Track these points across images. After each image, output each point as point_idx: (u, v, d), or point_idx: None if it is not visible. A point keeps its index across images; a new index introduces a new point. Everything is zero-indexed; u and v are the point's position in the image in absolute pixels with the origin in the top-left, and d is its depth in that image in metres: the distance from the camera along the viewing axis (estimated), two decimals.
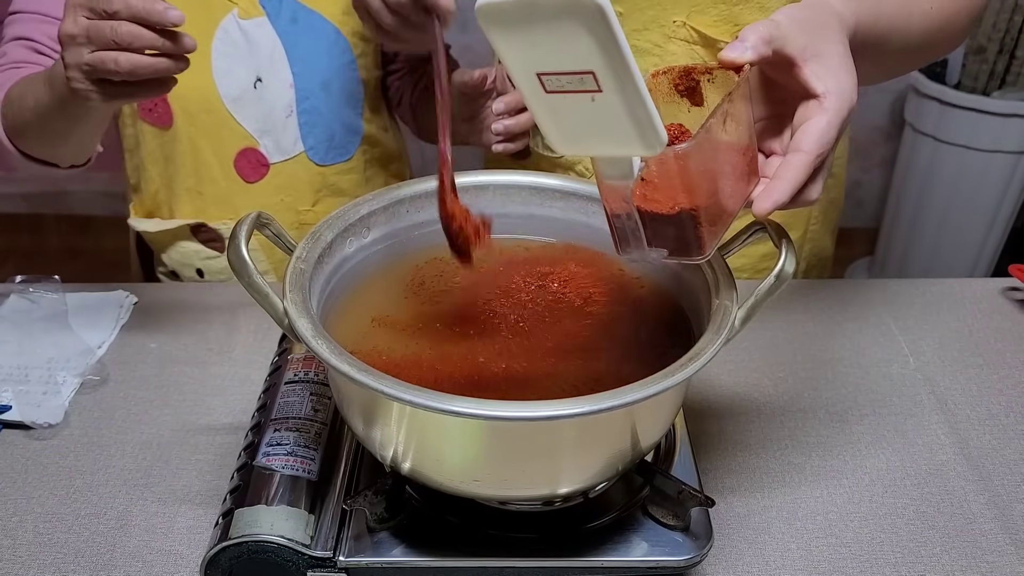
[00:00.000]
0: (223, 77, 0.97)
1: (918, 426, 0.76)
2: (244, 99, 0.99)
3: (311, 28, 1.00)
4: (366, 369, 0.49)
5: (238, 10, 0.96)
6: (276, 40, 0.98)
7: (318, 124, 1.02)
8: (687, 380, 0.50)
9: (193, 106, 0.98)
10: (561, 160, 0.97)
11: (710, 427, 0.76)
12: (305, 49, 1.00)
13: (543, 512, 0.61)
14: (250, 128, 1.00)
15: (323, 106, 1.02)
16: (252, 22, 0.97)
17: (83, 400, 0.79)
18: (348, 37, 1.02)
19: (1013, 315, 0.92)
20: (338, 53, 1.02)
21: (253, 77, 0.98)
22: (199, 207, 1.04)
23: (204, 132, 1.00)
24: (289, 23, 0.98)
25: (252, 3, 0.97)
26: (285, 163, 1.02)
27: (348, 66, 1.03)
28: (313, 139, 1.03)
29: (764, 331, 0.88)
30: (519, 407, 0.48)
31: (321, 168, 1.04)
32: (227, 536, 0.56)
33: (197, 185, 1.03)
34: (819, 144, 0.52)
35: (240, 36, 0.97)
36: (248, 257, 0.53)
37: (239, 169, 1.02)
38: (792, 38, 0.52)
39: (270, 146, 1.01)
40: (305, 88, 1.00)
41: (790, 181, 0.52)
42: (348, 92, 1.04)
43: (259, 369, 0.81)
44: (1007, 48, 1.90)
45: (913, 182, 2.09)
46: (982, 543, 0.65)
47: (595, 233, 0.69)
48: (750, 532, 0.66)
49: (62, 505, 0.68)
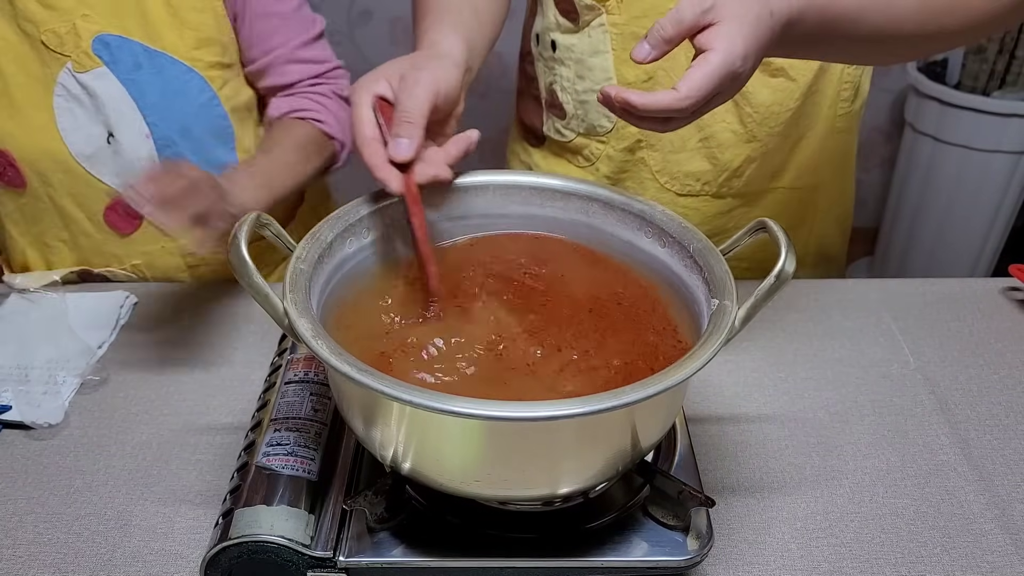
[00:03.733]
0: (71, 135, 0.90)
1: (918, 426, 0.76)
2: (99, 156, 0.91)
3: (159, 72, 0.91)
4: (366, 369, 0.49)
5: (72, 63, 0.88)
6: (122, 90, 0.90)
7: None
8: (687, 380, 0.50)
9: (44, 167, 0.92)
10: (569, 144, 0.98)
11: (710, 427, 0.76)
12: (156, 96, 0.91)
13: (543, 512, 0.61)
14: (112, 183, 0.93)
15: (187, 151, 0.95)
16: (90, 75, 0.89)
17: (83, 400, 0.79)
18: (203, 72, 0.93)
19: (1013, 315, 0.92)
20: (194, 93, 0.93)
21: (104, 132, 0.91)
22: (80, 257, 0.99)
23: (64, 192, 0.93)
24: (132, 70, 0.90)
25: (86, 54, 0.88)
26: None
27: (208, 104, 0.95)
28: None
29: (764, 331, 0.88)
30: (519, 407, 0.48)
31: None
32: (227, 536, 0.56)
33: (71, 238, 0.97)
34: (689, 86, 0.58)
35: (81, 91, 0.89)
36: (248, 257, 0.53)
37: (111, 222, 0.96)
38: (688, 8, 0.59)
39: None
40: (164, 137, 0.93)
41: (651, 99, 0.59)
42: (214, 130, 0.97)
43: (259, 369, 0.81)
44: (1007, 48, 1.90)
45: (913, 182, 2.09)
46: (982, 543, 0.65)
47: (596, 233, 0.69)
48: (750, 532, 0.66)
49: (62, 505, 0.68)
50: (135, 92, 0.91)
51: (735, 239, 0.62)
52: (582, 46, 0.91)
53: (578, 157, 0.98)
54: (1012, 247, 2.07)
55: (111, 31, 0.89)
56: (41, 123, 0.90)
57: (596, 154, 0.96)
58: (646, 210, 0.66)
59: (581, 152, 0.98)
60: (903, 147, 2.13)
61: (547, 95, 0.98)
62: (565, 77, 0.94)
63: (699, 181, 0.95)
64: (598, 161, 0.96)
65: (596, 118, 0.94)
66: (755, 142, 0.92)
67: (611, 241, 0.69)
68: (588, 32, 0.90)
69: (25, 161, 0.92)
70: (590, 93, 0.93)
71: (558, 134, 0.99)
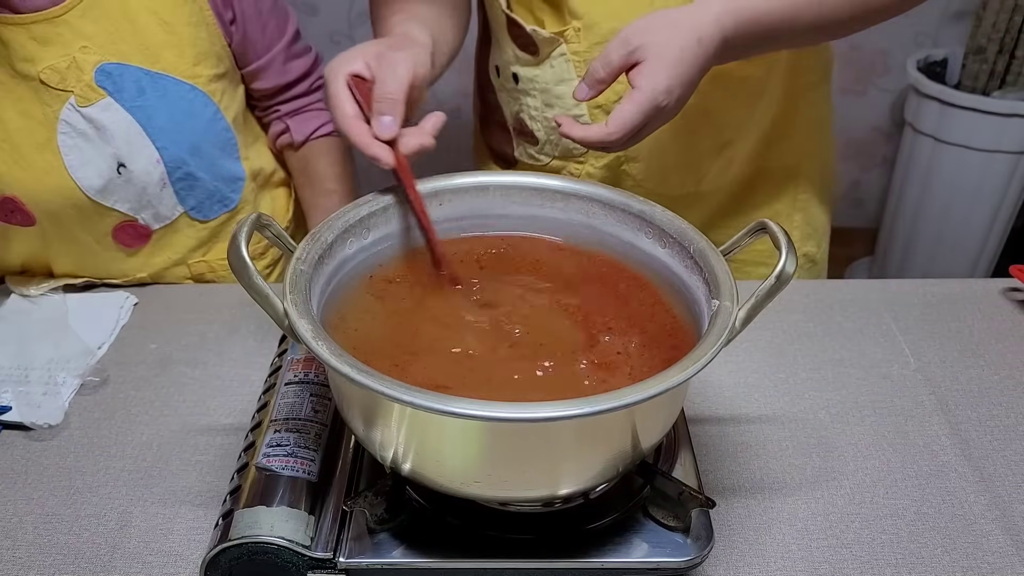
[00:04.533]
0: (80, 171, 0.89)
1: (919, 427, 0.76)
2: (110, 187, 0.91)
3: (163, 95, 0.90)
4: (366, 370, 0.49)
5: (75, 98, 0.86)
6: (129, 119, 0.89)
7: (196, 187, 0.96)
8: (687, 381, 0.50)
9: (55, 206, 0.90)
10: (547, 167, 0.96)
11: (711, 428, 0.76)
12: (163, 120, 0.91)
13: (543, 513, 0.61)
14: (123, 209, 0.93)
15: (198, 170, 0.95)
16: (95, 107, 0.87)
17: (83, 401, 0.79)
18: (204, 88, 0.94)
19: (1013, 315, 0.91)
20: (200, 110, 0.94)
21: (114, 164, 0.90)
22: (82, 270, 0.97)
23: (74, 223, 0.92)
24: (137, 96, 0.89)
25: (89, 86, 0.87)
26: (167, 227, 0.97)
27: (213, 118, 0.95)
28: (193, 200, 0.97)
29: (764, 331, 0.88)
30: (519, 408, 0.48)
31: (206, 223, 0.99)
32: (227, 537, 0.56)
33: (78, 260, 0.96)
34: (617, 122, 0.66)
35: (87, 125, 0.87)
36: (248, 258, 0.53)
37: (120, 241, 0.95)
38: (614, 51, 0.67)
39: (149, 218, 0.95)
40: (175, 159, 0.92)
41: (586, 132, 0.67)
42: (220, 143, 0.97)
43: (259, 370, 0.81)
44: (1007, 48, 1.90)
45: (913, 182, 2.09)
46: (983, 544, 0.65)
47: (596, 233, 0.69)
48: (751, 533, 0.66)
49: (62, 506, 0.68)
50: (142, 119, 0.90)
51: (735, 239, 0.62)
52: (546, 76, 0.89)
53: None
54: (1012, 247, 2.07)
55: (111, 59, 0.88)
56: (47, 164, 0.88)
57: (576, 174, 0.95)
58: (646, 211, 0.66)
59: (559, 173, 0.96)
60: (903, 147, 2.13)
61: (515, 123, 0.96)
62: (533, 107, 0.92)
63: (684, 182, 0.94)
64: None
65: (570, 142, 0.90)
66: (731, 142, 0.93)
67: (611, 242, 0.69)
68: (550, 63, 0.88)
69: (33, 203, 0.90)
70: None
71: (531, 159, 0.97)
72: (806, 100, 0.96)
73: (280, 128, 1.06)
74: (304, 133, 1.05)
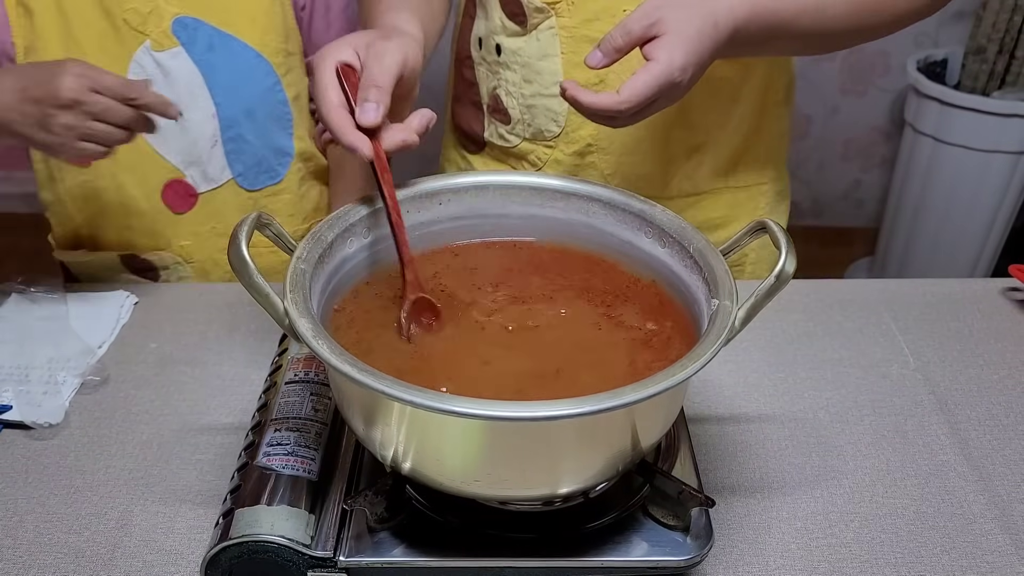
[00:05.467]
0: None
1: (918, 426, 0.76)
2: (165, 132, 0.94)
3: (230, 54, 0.96)
4: (367, 369, 0.49)
5: (151, 42, 0.93)
6: (194, 70, 0.95)
7: (245, 151, 1.00)
8: (687, 380, 0.51)
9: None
10: (514, 149, 0.96)
11: (710, 427, 0.76)
12: (226, 77, 0.97)
13: (543, 512, 0.61)
14: (174, 161, 0.98)
15: (249, 133, 1.00)
16: (167, 53, 0.94)
17: (83, 400, 0.79)
18: (270, 58, 0.99)
19: (1013, 315, 0.92)
20: (260, 77, 0.99)
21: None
22: (127, 239, 1.02)
23: (126, 167, 0.97)
24: (206, 51, 0.95)
25: (165, 34, 0.93)
26: (214, 191, 1.01)
27: (272, 89, 1.00)
28: (241, 165, 1.01)
29: (764, 331, 0.88)
30: (519, 407, 0.48)
31: (251, 193, 1.03)
32: (227, 536, 0.56)
33: (124, 219, 1.01)
34: (630, 91, 0.65)
35: (156, 69, 0.94)
36: (248, 257, 0.53)
37: (167, 200, 1.00)
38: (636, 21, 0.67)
39: (197, 176, 0.99)
40: (229, 117, 0.98)
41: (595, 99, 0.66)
42: (275, 115, 1.01)
43: (259, 369, 0.81)
44: (1007, 48, 1.90)
45: (913, 182, 2.09)
46: (982, 543, 0.65)
47: (596, 233, 0.69)
48: (750, 532, 0.66)
49: (62, 505, 0.68)
50: (206, 72, 0.95)
51: (735, 239, 0.62)
52: (529, 49, 0.89)
53: (523, 163, 0.96)
54: (1012, 247, 2.07)
55: (189, 13, 0.94)
56: None
57: (543, 159, 0.94)
58: (646, 210, 0.66)
59: (526, 157, 0.95)
60: (903, 147, 2.13)
61: (490, 100, 0.95)
62: (511, 81, 0.91)
63: (650, 184, 0.94)
64: (545, 166, 0.94)
65: (543, 123, 0.91)
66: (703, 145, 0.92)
67: (611, 241, 0.69)
68: (536, 35, 0.88)
69: None
70: (538, 97, 0.90)
71: (501, 139, 0.96)
72: (773, 116, 0.96)
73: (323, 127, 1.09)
74: None
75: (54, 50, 0.92)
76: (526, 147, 0.95)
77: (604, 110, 0.66)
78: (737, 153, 0.95)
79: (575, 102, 0.68)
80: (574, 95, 0.67)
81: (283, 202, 1.05)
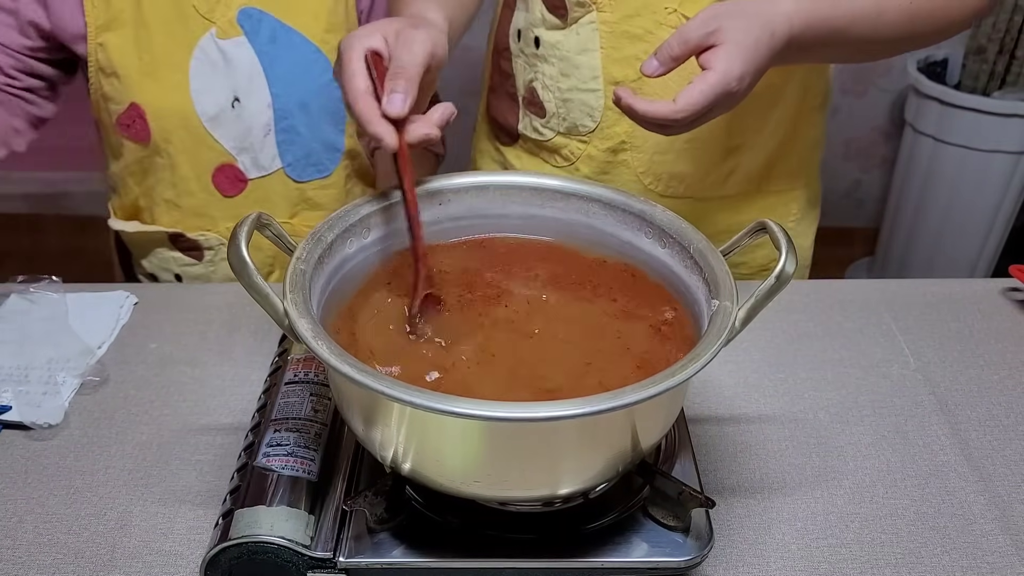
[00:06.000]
0: (201, 96, 0.97)
1: (918, 427, 0.76)
2: (222, 118, 0.98)
3: (291, 47, 0.98)
4: (366, 370, 0.49)
5: (216, 29, 0.95)
6: (254, 60, 0.97)
7: (296, 143, 1.02)
8: (687, 381, 0.50)
9: (170, 124, 0.98)
10: (547, 143, 0.96)
11: (710, 428, 0.76)
12: (284, 69, 0.98)
13: (543, 513, 0.61)
14: (228, 146, 0.99)
15: (302, 125, 1.01)
16: (230, 42, 0.96)
17: (83, 400, 0.79)
18: (328, 55, 0.99)
19: (1013, 315, 0.92)
20: (318, 72, 1.00)
21: (231, 96, 0.97)
22: (177, 218, 1.04)
23: (182, 149, 0.99)
24: (268, 43, 0.97)
25: (230, 23, 0.96)
26: (263, 179, 1.02)
27: (328, 85, 1.01)
28: (291, 156, 1.02)
29: (764, 331, 0.88)
30: (519, 408, 0.48)
31: (299, 184, 1.04)
32: (227, 537, 0.56)
33: (175, 198, 1.03)
34: (686, 100, 0.65)
35: (218, 56, 0.96)
36: (248, 257, 0.53)
37: (217, 184, 1.02)
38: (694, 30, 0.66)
39: (247, 163, 1.01)
40: (284, 108, 0.99)
41: (651, 107, 0.66)
42: (329, 111, 1.03)
43: (259, 369, 0.81)
44: (1007, 48, 1.90)
45: (913, 182, 2.09)
46: (983, 544, 0.65)
47: (595, 233, 0.69)
48: (750, 533, 0.66)
49: (62, 506, 0.68)
50: (266, 63, 0.97)
51: (735, 239, 0.62)
52: (568, 43, 0.89)
53: (555, 156, 0.96)
54: (1012, 247, 2.07)
55: (254, 4, 0.96)
56: (175, 82, 0.96)
57: (576, 154, 0.94)
58: (646, 210, 0.66)
59: (559, 152, 0.96)
60: (903, 147, 2.13)
61: (526, 93, 0.96)
62: (548, 75, 0.92)
63: (683, 183, 0.94)
64: (578, 161, 0.94)
65: (579, 117, 0.92)
66: (740, 147, 0.92)
67: (611, 241, 0.69)
68: (576, 29, 0.88)
69: (154, 116, 0.97)
70: (574, 92, 0.91)
71: (536, 133, 0.97)
72: (808, 123, 0.96)
73: None
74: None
75: (125, 32, 0.95)
76: (560, 141, 0.95)
77: (660, 119, 0.66)
78: (772, 158, 0.95)
79: (630, 111, 0.67)
80: (630, 103, 0.67)
81: (328, 197, 1.06)
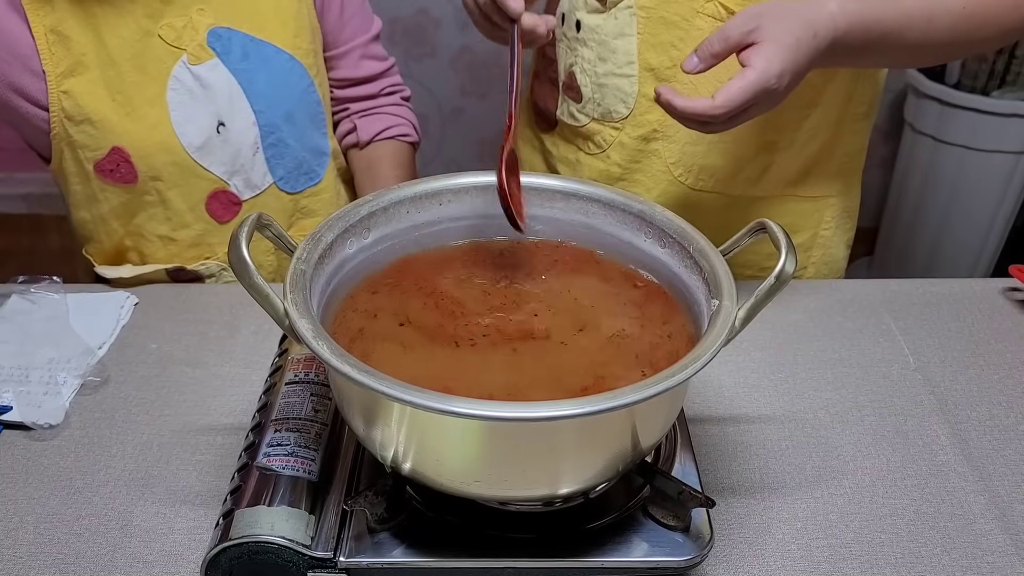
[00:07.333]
0: (184, 127, 0.95)
1: (918, 427, 0.76)
2: (208, 145, 0.96)
3: (264, 61, 0.97)
4: (367, 370, 0.49)
5: (188, 56, 0.94)
6: (231, 80, 0.96)
7: (286, 155, 1.01)
8: (687, 381, 0.51)
9: (158, 161, 0.95)
10: (582, 129, 0.97)
11: (710, 428, 0.76)
12: (263, 84, 0.97)
13: (543, 513, 0.61)
14: (218, 172, 0.98)
15: (289, 137, 1.01)
16: (204, 66, 0.94)
17: (83, 401, 0.79)
18: (302, 60, 1.00)
19: (1013, 315, 0.92)
20: (296, 80, 1.00)
21: (215, 122, 0.96)
22: (174, 252, 1.02)
23: (172, 184, 0.97)
24: (241, 60, 0.96)
25: (201, 46, 0.94)
26: (256, 198, 1.01)
27: (307, 90, 1.01)
28: (282, 170, 1.02)
29: (764, 331, 0.88)
30: (519, 407, 0.48)
31: (292, 195, 1.04)
32: (227, 537, 0.56)
33: (170, 232, 1.01)
34: (725, 97, 0.65)
35: (194, 83, 0.94)
36: (248, 258, 0.53)
37: (212, 211, 1.00)
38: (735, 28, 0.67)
39: (240, 185, 1.00)
40: (269, 123, 0.98)
41: (689, 104, 0.67)
42: (311, 115, 1.03)
43: (259, 370, 0.82)
44: (1007, 48, 1.90)
45: (913, 182, 2.09)
46: (982, 544, 0.65)
47: (595, 234, 0.69)
48: (750, 533, 0.66)
49: (62, 506, 0.68)
50: (244, 81, 0.96)
51: (735, 239, 0.62)
52: (607, 27, 0.90)
53: (589, 143, 0.97)
54: (1012, 247, 2.07)
55: (223, 23, 0.95)
56: (156, 118, 0.94)
57: (608, 140, 0.95)
58: (646, 210, 0.66)
59: (593, 138, 0.96)
60: (903, 147, 2.13)
61: (565, 77, 0.97)
62: (586, 59, 0.93)
63: (713, 177, 0.93)
64: (610, 148, 0.95)
65: (612, 103, 0.93)
66: (774, 145, 0.92)
67: (611, 242, 0.69)
68: (615, 13, 0.89)
69: (139, 157, 0.95)
70: (610, 77, 0.91)
71: (571, 118, 0.98)
72: (851, 130, 0.95)
73: (348, 127, 1.11)
74: (371, 133, 1.10)
75: (92, 75, 0.92)
76: (594, 127, 0.96)
77: (698, 115, 0.67)
78: (809, 163, 0.95)
79: (669, 107, 0.68)
80: (669, 99, 0.67)
81: (322, 202, 1.06)
